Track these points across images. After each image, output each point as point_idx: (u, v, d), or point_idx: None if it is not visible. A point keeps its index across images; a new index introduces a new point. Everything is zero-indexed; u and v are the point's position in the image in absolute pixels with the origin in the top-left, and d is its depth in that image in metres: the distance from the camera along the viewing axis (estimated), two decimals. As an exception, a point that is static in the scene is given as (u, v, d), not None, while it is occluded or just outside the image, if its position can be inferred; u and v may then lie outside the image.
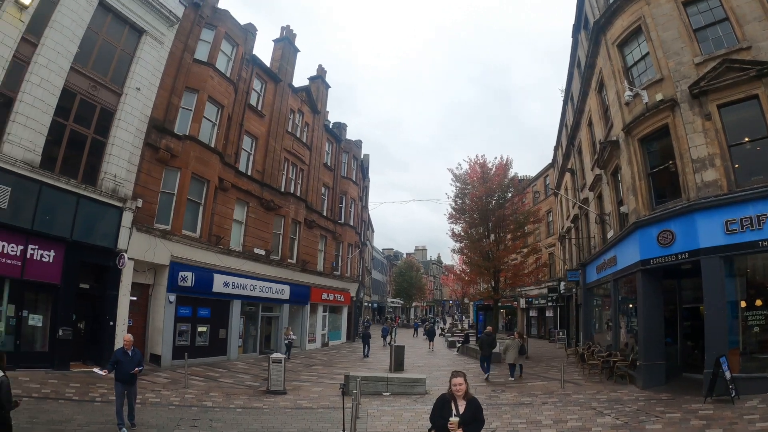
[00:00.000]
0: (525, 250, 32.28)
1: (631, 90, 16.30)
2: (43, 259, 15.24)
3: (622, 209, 18.17)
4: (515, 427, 11.21)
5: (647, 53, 16.32)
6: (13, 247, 14.31)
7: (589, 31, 20.43)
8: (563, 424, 11.29)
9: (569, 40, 25.95)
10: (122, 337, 11.25)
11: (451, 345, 36.44)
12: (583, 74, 22.35)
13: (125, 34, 18.37)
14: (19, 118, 14.33)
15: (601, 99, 20.60)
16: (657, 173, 16.20)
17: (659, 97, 15.38)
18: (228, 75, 23.45)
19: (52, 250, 15.51)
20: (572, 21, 24.76)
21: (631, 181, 16.83)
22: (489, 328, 22.93)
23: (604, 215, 21.38)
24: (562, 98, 31.40)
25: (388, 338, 36.99)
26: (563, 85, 30.37)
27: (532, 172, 48.24)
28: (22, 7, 14.00)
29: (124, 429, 9.98)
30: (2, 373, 7.07)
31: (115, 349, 12.68)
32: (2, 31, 13.68)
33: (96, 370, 10.99)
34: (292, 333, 27.86)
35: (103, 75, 17.51)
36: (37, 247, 15.03)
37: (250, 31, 25.27)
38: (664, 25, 15.57)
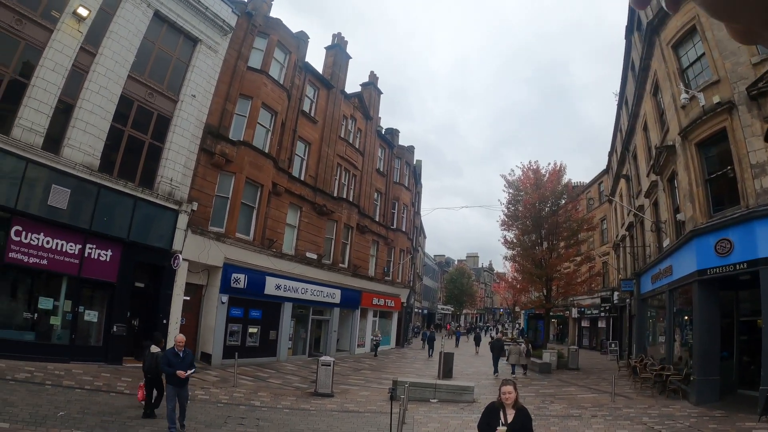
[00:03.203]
0: (578, 258, 31.37)
1: (687, 92, 15.69)
2: (101, 258, 16.02)
3: (679, 217, 17.44)
4: (563, 439, 10.96)
5: (703, 54, 15.67)
6: (71, 246, 15.13)
7: (643, 32, 19.81)
8: (612, 439, 10.98)
9: (624, 40, 25.13)
10: (174, 336, 11.62)
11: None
12: (638, 77, 21.65)
13: (180, 44, 19.19)
14: (79, 124, 15.21)
15: (657, 102, 19.90)
16: (715, 179, 15.51)
17: (716, 99, 14.75)
18: (281, 82, 23.95)
19: (110, 250, 16.29)
20: (625, 21, 24.01)
21: (688, 188, 16.17)
22: (499, 335, 26.71)
23: (659, 223, 20.60)
24: (617, 102, 30.49)
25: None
26: (617, 87, 29.51)
27: (587, 178, 47.08)
28: (80, 19, 14.90)
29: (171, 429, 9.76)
30: (159, 349, 10.92)
31: (166, 348, 12.71)
32: (61, 41, 14.65)
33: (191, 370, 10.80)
34: (379, 334, 33.15)
35: (160, 83, 18.33)
36: (94, 246, 15.84)
37: (302, 38, 25.78)
38: (719, 24, 14.61)
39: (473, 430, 6.56)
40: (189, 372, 10.23)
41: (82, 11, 14.91)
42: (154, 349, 11.19)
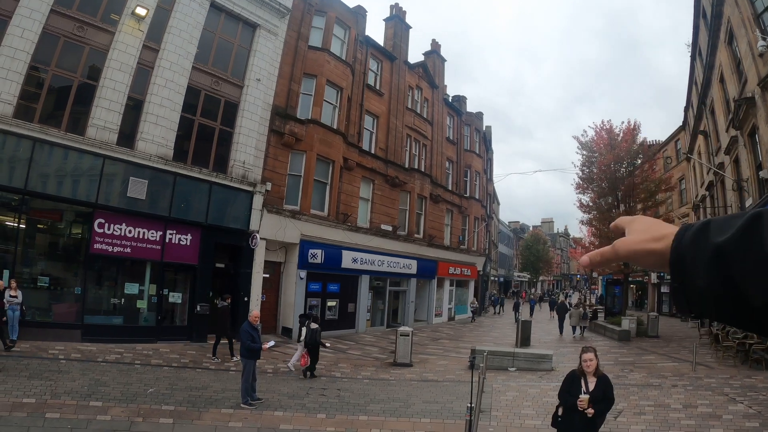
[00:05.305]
0: (657, 220, 30.16)
1: (764, 39, 14.40)
2: (181, 243, 16.98)
3: (762, 174, 16.15)
4: (642, 409, 10.64)
5: (778, -4, 14.31)
6: (153, 233, 16.14)
7: (712, -24, 18.29)
8: (692, 409, 10.57)
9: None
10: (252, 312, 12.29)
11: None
12: (710, 25, 20.02)
13: (240, 30, 19.62)
14: (150, 118, 16.06)
15: (732, 51, 18.33)
16: (800, 132, 14.27)
17: (796, 45, 13.48)
18: (343, 58, 24.00)
19: (189, 234, 17.21)
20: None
21: (771, 142, 14.99)
22: (561, 298, 31.46)
23: (741, 181, 19.19)
24: (689, 53, 28.34)
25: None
26: (689, 36, 27.42)
27: (663, 136, 44.07)
28: (140, 18, 15.62)
29: (251, 402, 10.14)
30: (317, 326, 13.49)
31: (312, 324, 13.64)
32: (124, 42, 15.45)
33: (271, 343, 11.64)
34: (476, 301, 37.04)
35: (224, 70, 18.91)
36: (174, 231, 16.79)
37: (359, 13, 25.63)
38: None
39: (552, 399, 6.49)
40: (270, 344, 10.82)
41: (141, 11, 15.61)
42: (313, 325, 13.51)
